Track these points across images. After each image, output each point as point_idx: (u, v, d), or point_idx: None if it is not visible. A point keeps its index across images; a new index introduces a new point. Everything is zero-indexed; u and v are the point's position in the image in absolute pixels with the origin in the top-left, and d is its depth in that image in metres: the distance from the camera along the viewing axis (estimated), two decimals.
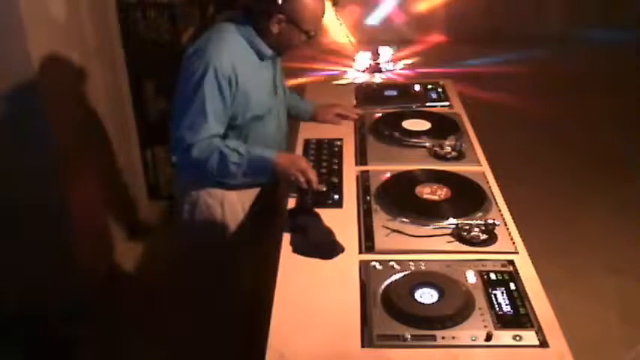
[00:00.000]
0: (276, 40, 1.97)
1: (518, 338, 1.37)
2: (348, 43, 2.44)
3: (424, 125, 2.36)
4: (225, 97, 1.91)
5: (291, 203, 1.91)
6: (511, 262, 1.61)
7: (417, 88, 2.75)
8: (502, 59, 5.67)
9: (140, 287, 3.04)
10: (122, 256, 3.21)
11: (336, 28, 6.09)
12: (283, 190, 2.09)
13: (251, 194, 2.13)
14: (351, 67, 5.62)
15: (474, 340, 1.37)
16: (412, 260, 1.62)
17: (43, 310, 2.74)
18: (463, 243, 1.69)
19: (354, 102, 2.64)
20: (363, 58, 5.54)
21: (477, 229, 1.70)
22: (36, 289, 2.74)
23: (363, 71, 5.50)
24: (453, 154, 2.16)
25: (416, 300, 1.48)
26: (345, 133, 2.35)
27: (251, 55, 1.98)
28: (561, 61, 5.58)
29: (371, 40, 6.02)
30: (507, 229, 1.76)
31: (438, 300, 1.48)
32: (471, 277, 1.56)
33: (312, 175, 1.93)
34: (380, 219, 1.80)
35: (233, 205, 2.10)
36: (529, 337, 1.38)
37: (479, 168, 2.11)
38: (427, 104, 2.60)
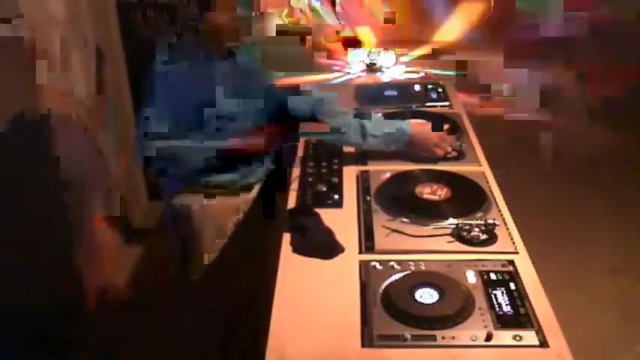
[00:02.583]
0: None
1: (518, 338, 1.37)
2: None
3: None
4: None
5: (291, 203, 1.91)
6: (511, 262, 1.61)
7: (417, 88, 2.75)
8: (502, 59, 5.66)
9: (140, 287, 3.04)
10: (122, 256, 3.21)
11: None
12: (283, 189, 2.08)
13: (249, 193, 2.13)
14: (350, 66, 5.61)
15: (474, 340, 1.37)
16: (412, 260, 1.62)
17: (43, 310, 2.73)
18: (463, 243, 1.69)
19: (354, 102, 2.64)
20: (363, 58, 5.53)
21: (477, 229, 1.70)
22: (36, 289, 2.73)
23: (363, 71, 5.49)
24: (453, 154, 2.16)
25: (416, 300, 1.48)
26: None
27: None
28: (561, 61, 5.58)
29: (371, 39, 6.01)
30: (507, 229, 1.76)
31: (438, 300, 1.48)
32: (471, 277, 1.56)
33: (446, 146, 2.11)
34: (380, 219, 1.80)
35: (230, 205, 2.09)
36: (529, 337, 1.38)
37: (479, 168, 2.11)
38: (427, 104, 2.60)
